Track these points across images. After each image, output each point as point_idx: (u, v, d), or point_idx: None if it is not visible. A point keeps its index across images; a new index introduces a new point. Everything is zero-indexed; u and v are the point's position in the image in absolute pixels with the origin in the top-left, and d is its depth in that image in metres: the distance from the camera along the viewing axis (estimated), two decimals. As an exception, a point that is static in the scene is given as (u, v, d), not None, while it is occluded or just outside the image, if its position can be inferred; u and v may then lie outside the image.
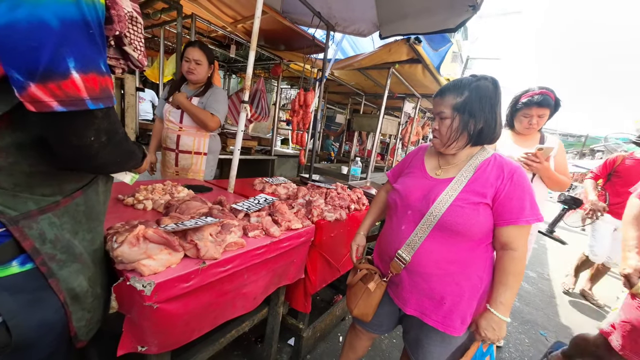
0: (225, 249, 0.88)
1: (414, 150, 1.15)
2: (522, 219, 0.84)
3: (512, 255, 0.87)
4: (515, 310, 2.56)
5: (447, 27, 1.88)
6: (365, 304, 1.05)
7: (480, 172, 0.91)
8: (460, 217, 0.86)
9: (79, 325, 0.62)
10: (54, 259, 0.55)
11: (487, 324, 0.87)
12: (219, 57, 4.64)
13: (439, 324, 0.92)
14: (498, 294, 0.87)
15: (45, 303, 0.55)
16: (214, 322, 0.91)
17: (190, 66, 1.69)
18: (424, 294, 0.94)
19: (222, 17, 2.84)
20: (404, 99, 4.37)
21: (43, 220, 0.53)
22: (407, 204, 0.98)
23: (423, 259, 0.92)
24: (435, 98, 0.96)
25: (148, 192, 1.20)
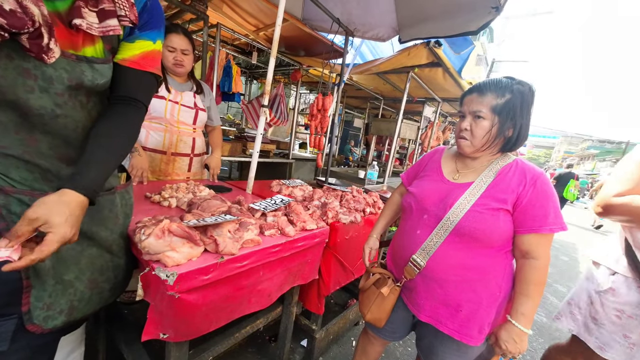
0: (243, 246, 0.91)
1: (430, 153, 1.12)
2: (545, 227, 0.80)
3: (533, 264, 0.83)
4: (541, 326, 2.41)
5: (469, 29, 1.85)
6: (379, 309, 1.03)
7: (500, 178, 0.88)
8: (479, 223, 0.83)
9: (35, 304, 0.61)
10: None
11: (508, 336, 0.84)
12: (242, 63, 4.83)
13: (455, 332, 0.89)
14: (519, 305, 0.84)
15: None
16: (230, 316, 0.95)
17: (177, 57, 1.47)
18: (438, 300, 0.91)
19: (245, 26, 2.97)
20: (424, 103, 4.31)
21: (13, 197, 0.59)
22: (422, 208, 0.96)
23: (438, 264, 0.90)
24: (470, 95, 0.90)
25: (173, 190, 1.27)
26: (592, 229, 8.18)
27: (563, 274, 3.84)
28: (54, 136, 0.63)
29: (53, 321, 0.65)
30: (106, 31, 0.61)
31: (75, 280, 0.68)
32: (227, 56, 3.82)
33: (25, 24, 0.50)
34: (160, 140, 1.56)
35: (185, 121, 1.60)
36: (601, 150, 28.47)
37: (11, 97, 0.56)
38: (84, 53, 0.62)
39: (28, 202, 0.59)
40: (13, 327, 0.60)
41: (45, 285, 0.63)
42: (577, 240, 6.11)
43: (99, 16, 0.60)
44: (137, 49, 0.71)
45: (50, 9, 0.55)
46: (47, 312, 0.64)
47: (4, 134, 0.57)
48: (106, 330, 1.19)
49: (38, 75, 0.57)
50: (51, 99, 0.59)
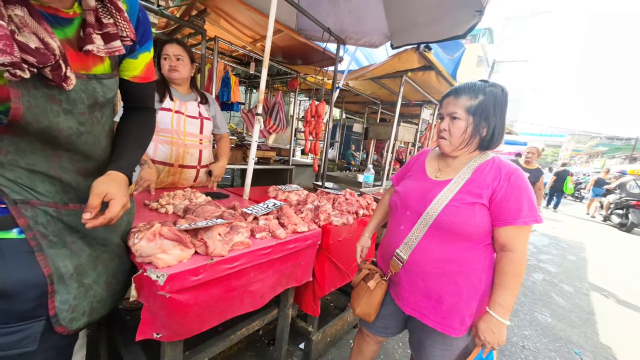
0: (233, 248, 0.95)
1: (417, 155, 1.17)
2: (520, 220, 0.84)
3: (510, 256, 0.86)
4: (546, 326, 2.37)
5: (456, 33, 1.90)
6: (367, 303, 1.07)
7: (477, 174, 0.92)
8: (455, 217, 0.88)
9: (61, 308, 0.67)
10: (45, 238, 0.65)
11: (487, 327, 0.87)
12: (240, 74, 4.95)
13: (437, 324, 0.93)
14: (497, 296, 0.87)
15: (31, 267, 0.63)
16: (222, 316, 0.98)
17: (171, 63, 1.55)
18: (421, 293, 0.96)
19: (242, 38, 3.07)
20: (422, 106, 4.35)
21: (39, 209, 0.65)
22: (406, 205, 1.01)
23: (420, 257, 0.95)
24: (447, 97, 0.96)
25: (170, 197, 1.33)
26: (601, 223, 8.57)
27: (570, 273, 3.77)
28: (75, 152, 0.69)
29: (77, 322, 0.71)
30: (112, 52, 0.68)
31: (93, 284, 0.74)
32: (225, 67, 3.93)
33: (49, 58, 0.55)
34: (168, 153, 1.61)
35: (191, 132, 1.64)
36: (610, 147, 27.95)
37: (45, 124, 0.61)
38: (94, 72, 0.69)
39: (52, 213, 0.66)
40: (41, 329, 0.66)
41: (69, 288, 0.68)
42: (586, 239, 5.99)
43: (104, 39, 0.66)
44: (141, 63, 0.81)
45: (61, 37, 0.62)
46: (72, 314, 0.69)
47: (32, 152, 0.63)
48: (107, 334, 1.23)
49: (62, 100, 0.63)
50: (75, 119, 0.66)
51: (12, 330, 0.62)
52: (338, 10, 2.50)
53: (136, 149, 0.84)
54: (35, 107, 0.59)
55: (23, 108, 0.57)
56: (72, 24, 0.64)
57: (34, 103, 0.59)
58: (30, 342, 0.64)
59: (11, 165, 0.62)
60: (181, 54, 1.57)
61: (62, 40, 0.61)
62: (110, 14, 0.67)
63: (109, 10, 0.66)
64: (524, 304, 2.72)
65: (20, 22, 0.52)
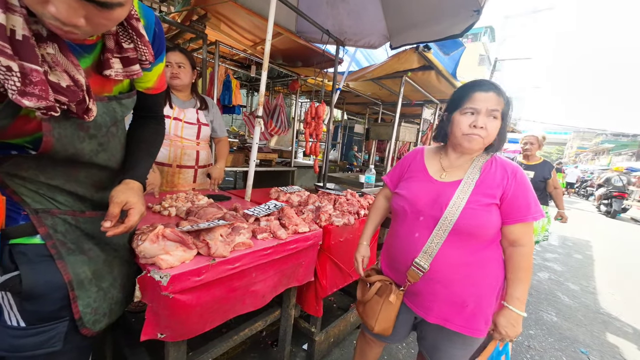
0: (234, 249, 0.97)
1: (411, 154, 1.13)
2: (529, 217, 0.87)
3: (522, 251, 0.89)
4: (552, 325, 2.35)
5: (454, 33, 1.90)
6: (386, 318, 1.01)
7: (486, 174, 0.93)
8: (475, 220, 0.87)
9: (85, 311, 0.70)
10: (64, 245, 0.68)
11: (507, 322, 0.89)
12: (242, 77, 4.99)
13: (463, 328, 0.92)
14: (514, 290, 0.89)
15: (55, 270, 0.66)
16: (225, 316, 0.99)
17: (173, 70, 1.60)
18: (445, 300, 0.93)
19: (243, 41, 3.10)
20: (423, 105, 4.35)
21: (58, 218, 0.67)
22: (417, 210, 0.96)
23: (442, 265, 0.91)
24: (487, 92, 0.87)
25: (172, 200, 1.34)
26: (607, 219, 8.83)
27: (576, 271, 3.73)
28: (91, 166, 0.72)
29: (99, 324, 0.75)
30: (130, 76, 0.70)
31: (111, 287, 0.78)
32: (227, 71, 3.97)
33: (78, 95, 0.57)
34: (166, 154, 1.68)
35: (188, 137, 1.71)
36: (616, 144, 27.58)
37: (72, 151, 0.64)
38: (114, 92, 0.72)
39: (70, 221, 0.69)
40: (65, 329, 0.69)
41: (89, 292, 0.71)
42: (592, 237, 5.92)
43: (123, 62, 0.67)
44: (155, 75, 0.82)
45: (86, 66, 0.63)
46: (95, 316, 0.73)
47: (52, 168, 0.66)
48: (112, 335, 1.25)
49: (90, 126, 0.66)
50: (97, 141, 0.69)
51: (39, 331, 0.66)
52: (337, 12, 2.52)
53: (149, 158, 0.88)
54: (64, 138, 0.61)
55: (53, 140, 0.59)
56: (95, 49, 0.65)
57: (64, 134, 0.61)
58: (55, 342, 0.68)
59: (32, 179, 0.64)
60: (183, 61, 1.61)
61: (86, 69, 0.62)
62: (131, 39, 0.67)
63: (130, 35, 0.66)
64: (529, 303, 2.69)
65: (52, 60, 0.53)
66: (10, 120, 0.55)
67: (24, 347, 0.65)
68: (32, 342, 0.65)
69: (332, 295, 2.02)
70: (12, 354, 0.65)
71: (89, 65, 0.64)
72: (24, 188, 0.64)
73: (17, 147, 0.62)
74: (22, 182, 0.64)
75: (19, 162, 0.62)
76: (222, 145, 1.93)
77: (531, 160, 2.81)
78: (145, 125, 0.91)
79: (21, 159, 0.62)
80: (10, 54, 0.47)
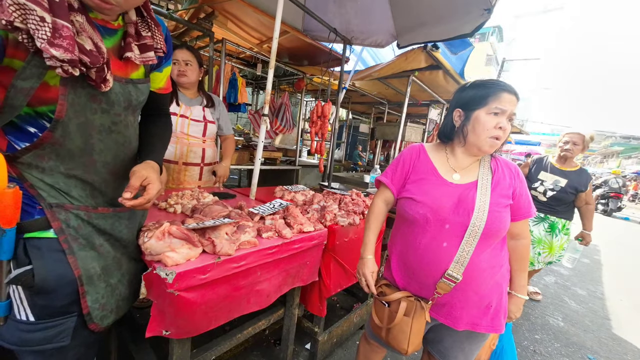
0: (239, 247, 0.96)
1: (412, 152, 1.04)
2: (532, 212, 0.94)
3: (525, 243, 0.96)
4: (558, 330, 2.32)
5: (464, 32, 1.87)
6: (416, 337, 0.94)
7: (497, 174, 0.93)
8: (500, 222, 0.87)
9: (93, 307, 0.72)
10: (76, 241, 0.69)
11: (517, 308, 0.99)
12: (247, 75, 5.00)
13: (489, 328, 0.92)
14: (520, 279, 0.98)
15: (66, 265, 0.67)
16: (229, 315, 0.99)
17: (180, 68, 1.61)
18: (474, 306, 0.91)
19: (250, 39, 3.10)
20: (429, 105, 4.31)
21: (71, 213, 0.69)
22: (442, 218, 0.89)
23: (474, 272, 0.87)
24: (510, 95, 0.84)
25: (178, 197, 1.35)
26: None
27: (583, 276, 3.67)
28: (107, 154, 0.74)
29: (107, 320, 0.76)
30: (146, 61, 0.75)
31: (118, 283, 0.79)
32: (233, 69, 3.97)
33: (99, 60, 0.62)
34: (172, 151, 1.69)
35: (194, 134, 1.72)
36: (626, 147, 27.08)
37: (82, 119, 0.67)
38: (130, 77, 0.76)
39: (83, 217, 0.71)
40: (73, 324, 0.70)
41: (98, 288, 0.73)
42: (600, 242, 5.82)
43: (140, 49, 0.73)
44: (165, 75, 0.91)
45: (108, 46, 0.69)
46: (102, 312, 0.74)
47: (70, 158, 0.69)
48: (116, 331, 1.25)
49: (102, 100, 0.69)
50: (110, 118, 0.72)
51: (48, 326, 0.67)
52: (344, 10, 2.50)
53: (162, 148, 0.93)
54: (77, 105, 0.65)
55: (67, 104, 0.63)
56: (117, 34, 0.71)
57: (77, 101, 0.65)
58: (63, 337, 0.69)
59: (51, 170, 0.67)
60: (190, 59, 1.62)
61: (107, 49, 0.67)
62: (149, 28, 0.75)
63: (148, 25, 0.75)
64: (535, 307, 2.65)
65: (80, 27, 0.60)
66: (37, 81, 0.59)
67: (33, 341, 0.66)
68: (41, 336, 0.66)
69: (335, 295, 2.01)
70: (21, 348, 0.66)
71: (109, 47, 0.69)
72: (41, 182, 0.66)
73: (35, 123, 0.64)
74: (40, 176, 0.66)
75: (39, 153, 0.64)
76: (228, 143, 1.93)
77: (567, 165, 2.20)
78: (155, 122, 0.96)
79: (41, 151, 0.64)
80: (46, 7, 0.53)
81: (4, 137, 0.64)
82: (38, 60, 0.57)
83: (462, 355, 0.99)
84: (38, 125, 0.64)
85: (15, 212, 0.61)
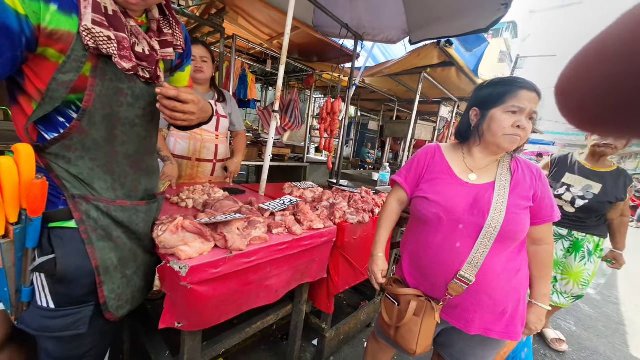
0: (250, 243, 0.97)
1: (425, 152, 1.03)
2: (555, 216, 0.89)
3: (547, 249, 0.91)
4: (570, 334, 2.27)
5: (478, 27, 1.82)
6: (426, 336, 0.93)
7: (516, 175, 0.90)
8: (518, 225, 0.84)
9: (109, 297, 0.74)
10: (95, 231, 0.71)
11: (537, 318, 0.92)
12: (257, 71, 5.00)
13: (503, 335, 0.89)
14: (542, 287, 0.92)
15: (86, 256, 0.69)
16: (239, 309, 1.00)
17: (197, 64, 1.63)
18: (487, 310, 0.88)
19: (260, 35, 3.10)
20: (440, 103, 4.23)
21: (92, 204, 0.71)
22: (455, 218, 0.87)
23: (488, 275, 0.85)
24: (531, 92, 0.81)
25: (190, 192, 1.36)
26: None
27: (597, 280, 3.57)
28: (129, 146, 0.77)
29: (122, 310, 0.79)
30: (165, 56, 0.79)
31: (133, 275, 0.82)
32: (243, 65, 3.98)
33: (154, 59, 0.72)
34: (186, 147, 1.71)
35: (207, 129, 1.73)
36: (647, 154, 26.03)
37: (108, 111, 0.70)
38: None
39: (102, 209, 0.73)
40: (90, 313, 0.73)
41: (114, 279, 0.75)
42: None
43: (161, 45, 0.77)
44: (187, 74, 0.96)
45: None
46: (118, 302, 0.77)
47: (96, 149, 0.71)
48: (130, 322, 1.29)
49: (128, 94, 0.72)
50: (134, 112, 0.75)
51: (67, 313, 0.69)
52: (355, 5, 2.47)
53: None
54: (104, 97, 0.68)
55: (94, 95, 0.66)
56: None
57: (105, 93, 0.68)
58: (81, 325, 0.71)
59: (77, 160, 0.69)
60: (206, 55, 1.64)
61: None
62: (170, 26, 0.79)
63: (170, 23, 0.79)
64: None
65: (134, 30, 0.68)
66: (76, 75, 0.63)
67: (52, 327, 0.68)
68: (60, 323, 0.69)
69: (343, 292, 2.02)
70: (41, 334, 0.69)
71: None
72: (66, 172, 0.68)
73: (64, 113, 0.66)
74: (66, 166, 0.68)
75: (66, 144, 0.67)
76: (240, 139, 1.94)
77: (601, 165, 1.73)
78: None
79: (68, 141, 0.67)
80: (107, 26, 0.62)
81: (35, 128, 0.66)
82: (77, 54, 0.61)
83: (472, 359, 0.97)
84: (66, 115, 0.66)
85: (42, 202, 0.63)
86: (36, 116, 0.63)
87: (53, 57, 0.60)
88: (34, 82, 0.62)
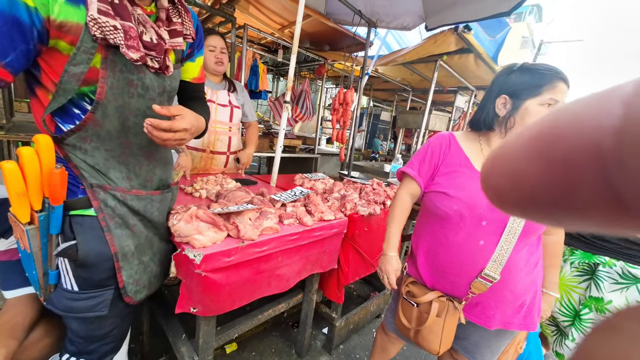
0: (262, 233, 0.98)
1: (439, 142, 0.96)
2: None
3: (558, 239, 0.94)
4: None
5: (500, 11, 1.72)
6: (448, 336, 0.92)
7: None
8: None
9: (127, 282, 0.77)
10: (113, 219, 0.74)
11: (548, 307, 0.96)
12: (268, 62, 4.97)
13: (522, 326, 0.88)
14: (552, 276, 0.95)
15: (105, 242, 0.72)
16: (251, 296, 1.03)
17: (217, 55, 1.61)
18: (508, 304, 0.87)
19: (271, 24, 3.05)
20: (456, 92, 4.09)
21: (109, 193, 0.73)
22: (478, 214, 0.84)
23: (511, 271, 0.83)
24: (564, 84, 0.76)
25: (203, 182, 1.39)
26: None
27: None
28: (142, 137, 0.77)
29: (140, 294, 0.82)
30: (175, 46, 0.77)
31: (150, 261, 0.85)
32: (254, 55, 3.96)
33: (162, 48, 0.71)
34: (200, 139, 1.68)
35: (222, 120, 1.73)
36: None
37: (120, 102, 0.71)
38: None
39: (119, 198, 0.75)
40: (111, 297, 0.77)
41: (131, 265, 0.78)
42: None
43: (170, 34, 0.76)
44: (198, 65, 0.93)
45: None
46: (136, 287, 0.80)
47: (110, 140, 0.73)
48: (149, 306, 1.35)
49: (138, 84, 0.72)
50: (145, 103, 0.76)
51: (90, 296, 0.73)
52: (369, -9, 2.38)
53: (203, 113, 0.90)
54: (116, 88, 0.68)
55: (106, 87, 0.67)
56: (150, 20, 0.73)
57: (116, 84, 0.68)
58: (102, 307, 0.75)
59: (93, 151, 0.71)
60: (224, 46, 1.64)
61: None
62: (179, 15, 0.78)
63: (179, 11, 0.78)
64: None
65: (141, 19, 0.67)
66: (86, 66, 0.63)
67: (77, 309, 0.73)
68: (83, 305, 0.73)
69: (353, 283, 2.03)
70: (67, 314, 0.73)
71: None
72: (84, 162, 0.71)
73: (78, 105, 0.68)
74: (83, 157, 0.70)
75: (82, 135, 0.69)
76: (252, 130, 1.95)
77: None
78: (194, 103, 0.96)
79: (84, 133, 0.69)
80: (113, 15, 0.61)
81: (53, 120, 0.68)
82: (86, 45, 0.61)
83: (489, 352, 0.96)
84: (81, 106, 0.68)
85: (62, 191, 0.66)
86: (51, 108, 0.64)
87: (64, 50, 0.61)
88: (49, 75, 0.63)
